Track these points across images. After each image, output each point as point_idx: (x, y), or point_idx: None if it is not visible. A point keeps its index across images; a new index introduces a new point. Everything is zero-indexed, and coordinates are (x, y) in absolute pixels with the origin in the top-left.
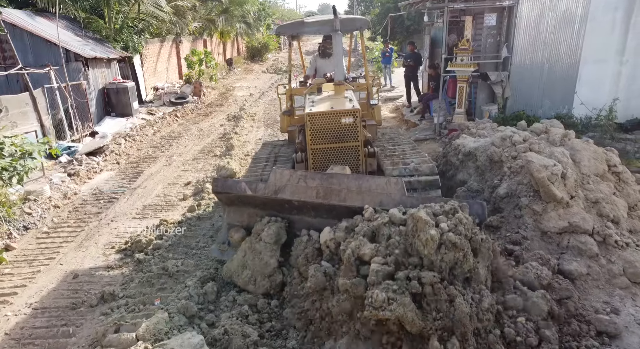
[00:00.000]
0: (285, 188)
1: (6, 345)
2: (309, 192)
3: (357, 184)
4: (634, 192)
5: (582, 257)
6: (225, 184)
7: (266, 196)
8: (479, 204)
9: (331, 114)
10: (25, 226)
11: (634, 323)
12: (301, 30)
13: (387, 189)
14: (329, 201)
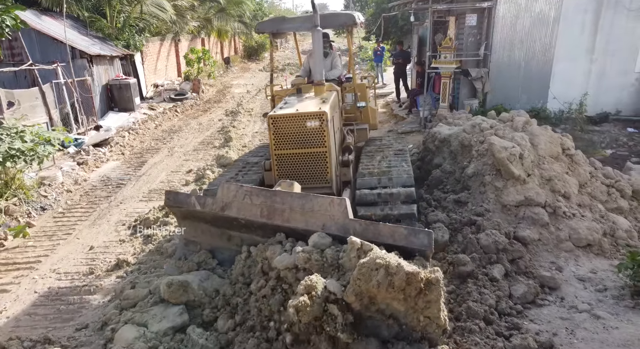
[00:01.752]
0: (232, 205)
1: (37, 301)
2: (254, 210)
3: (301, 204)
4: (585, 172)
5: (535, 226)
6: (176, 198)
7: (214, 213)
8: (425, 234)
9: (295, 117)
10: (42, 207)
11: (573, 278)
12: (282, 27)
13: (331, 211)
14: (273, 221)
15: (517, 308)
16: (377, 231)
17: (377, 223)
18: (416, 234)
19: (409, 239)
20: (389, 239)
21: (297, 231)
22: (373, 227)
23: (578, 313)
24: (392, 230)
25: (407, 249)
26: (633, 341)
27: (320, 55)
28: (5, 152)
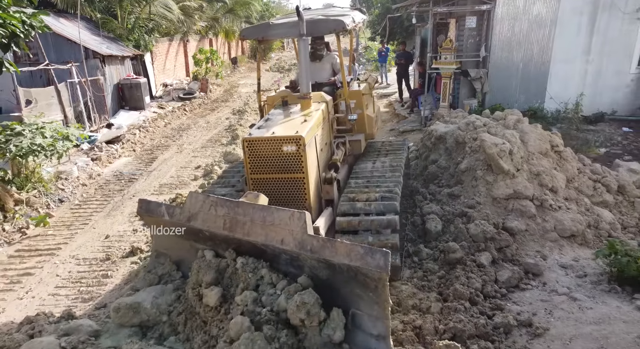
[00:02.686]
0: (198, 215)
1: (59, 283)
2: (217, 222)
3: (262, 217)
4: (572, 167)
5: (523, 217)
6: (148, 207)
7: (181, 223)
8: (382, 254)
9: (270, 141)
10: (60, 199)
11: (556, 265)
12: (267, 33)
13: (290, 225)
14: (234, 234)
15: (501, 292)
16: (334, 249)
17: (335, 240)
18: (373, 254)
19: (365, 259)
20: (345, 258)
21: (256, 246)
22: (330, 244)
23: (557, 296)
24: (349, 249)
25: (362, 271)
26: (604, 320)
27: (306, 66)
28: (28, 147)
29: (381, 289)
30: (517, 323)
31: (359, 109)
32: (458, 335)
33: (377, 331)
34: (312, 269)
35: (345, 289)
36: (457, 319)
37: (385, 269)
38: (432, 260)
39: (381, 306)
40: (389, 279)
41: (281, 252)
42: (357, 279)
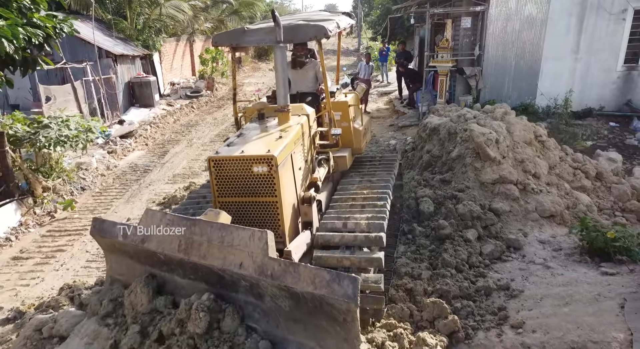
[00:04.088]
0: (152, 236)
1: (89, 258)
2: (172, 243)
3: (220, 237)
4: (554, 156)
5: (507, 200)
6: (102, 228)
7: (135, 245)
8: (350, 281)
9: (239, 161)
10: (82, 187)
11: (535, 241)
12: (241, 40)
13: (250, 246)
14: (190, 257)
15: (485, 262)
16: (297, 274)
17: (298, 265)
18: (340, 280)
19: (331, 287)
20: (309, 285)
21: (213, 271)
22: (293, 269)
23: (534, 265)
24: (314, 274)
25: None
26: (571, 282)
27: (284, 76)
28: (56, 138)
29: (350, 323)
30: (497, 286)
31: (345, 121)
32: (444, 295)
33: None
34: (274, 299)
35: (311, 322)
36: (443, 283)
37: (354, 299)
38: (424, 237)
39: (350, 344)
40: (372, 317)
41: (240, 278)
42: (323, 310)
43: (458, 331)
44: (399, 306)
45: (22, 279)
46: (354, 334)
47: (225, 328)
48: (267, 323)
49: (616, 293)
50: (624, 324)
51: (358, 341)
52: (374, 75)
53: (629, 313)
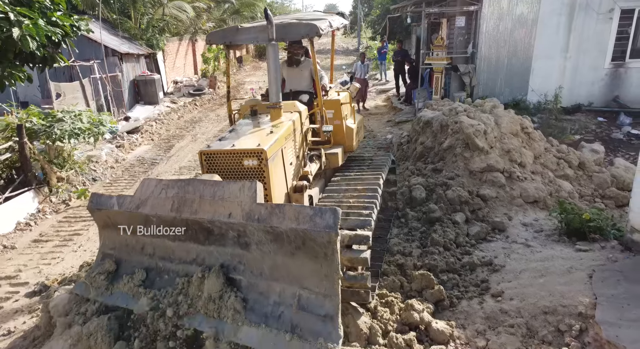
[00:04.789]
0: (148, 201)
1: None
2: (165, 205)
3: (212, 192)
4: (540, 146)
5: (494, 186)
6: (99, 201)
7: (130, 211)
8: (331, 213)
9: (229, 154)
10: (93, 178)
11: (518, 224)
12: (235, 38)
13: (240, 197)
14: (181, 214)
15: (471, 242)
16: (282, 214)
17: (283, 205)
18: (322, 213)
19: (313, 221)
20: (293, 222)
21: (203, 226)
22: (278, 210)
23: (516, 244)
24: (297, 211)
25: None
26: (548, 258)
27: (276, 73)
28: (70, 131)
29: (330, 256)
30: (481, 262)
31: (337, 119)
32: (432, 269)
33: (325, 311)
34: (259, 246)
35: (293, 262)
36: (432, 259)
37: (334, 228)
38: (416, 220)
39: (330, 278)
40: (360, 301)
41: (228, 229)
42: (305, 246)
43: (443, 300)
44: (390, 278)
45: (43, 259)
46: (334, 268)
47: (210, 287)
48: (251, 273)
49: (587, 266)
50: (591, 291)
51: (337, 274)
52: (373, 74)
53: (596, 281)
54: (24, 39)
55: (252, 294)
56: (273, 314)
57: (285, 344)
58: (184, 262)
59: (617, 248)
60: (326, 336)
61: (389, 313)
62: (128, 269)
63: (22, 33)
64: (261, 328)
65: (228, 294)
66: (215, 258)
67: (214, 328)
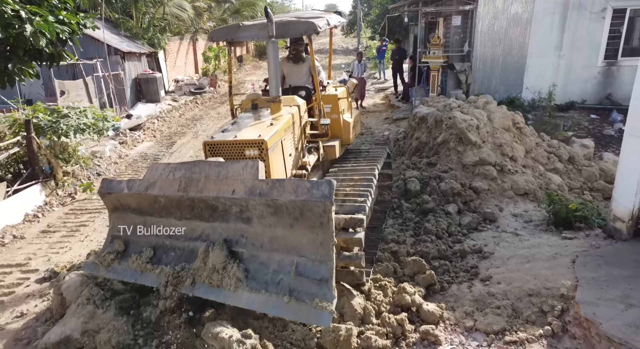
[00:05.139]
0: (156, 183)
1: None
2: (173, 185)
3: (217, 172)
4: (531, 141)
5: (486, 179)
6: (109, 185)
7: (139, 193)
8: (327, 184)
9: (232, 145)
10: (98, 173)
11: (509, 215)
12: (237, 35)
13: (243, 174)
14: (188, 193)
15: (462, 232)
16: (281, 188)
17: (282, 180)
18: (318, 185)
19: (311, 192)
20: (292, 194)
21: (208, 203)
22: (278, 184)
23: (505, 233)
24: (296, 184)
25: (308, 206)
26: (535, 245)
27: (275, 69)
28: (77, 126)
29: (325, 223)
30: (471, 250)
31: (334, 113)
32: (424, 256)
33: (320, 275)
34: (260, 219)
35: (292, 233)
36: (424, 247)
37: (330, 198)
38: (411, 211)
39: (325, 246)
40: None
41: (232, 205)
42: (303, 217)
43: (434, 284)
44: (384, 264)
45: (52, 248)
46: (329, 235)
47: (214, 259)
48: (252, 246)
49: (571, 252)
50: (573, 275)
51: (332, 241)
52: (372, 73)
53: (578, 266)
54: (36, 35)
55: (253, 265)
56: (273, 281)
57: (284, 305)
58: (190, 239)
59: (601, 236)
60: (322, 297)
61: (382, 296)
62: (136, 249)
63: (34, 29)
64: (262, 293)
65: (231, 265)
66: (219, 233)
67: (218, 296)
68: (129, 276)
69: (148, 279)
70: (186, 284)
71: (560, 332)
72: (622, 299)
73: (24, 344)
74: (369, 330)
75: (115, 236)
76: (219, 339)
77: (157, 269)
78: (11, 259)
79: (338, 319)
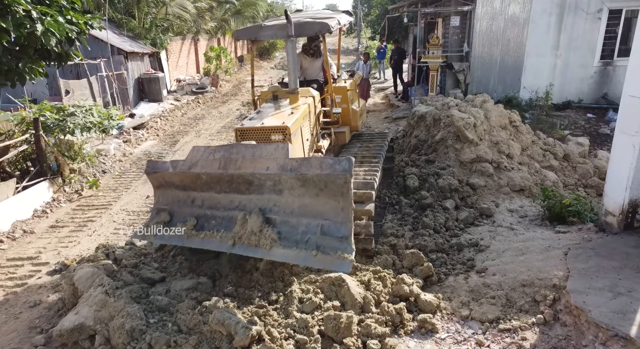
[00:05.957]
0: (198, 162)
1: (117, 226)
2: (214, 164)
3: (252, 152)
4: (527, 139)
5: (483, 176)
6: (155, 165)
7: (183, 172)
8: (347, 160)
9: (260, 130)
10: (103, 170)
11: (505, 210)
12: (258, 34)
13: (275, 154)
14: (227, 171)
15: (459, 226)
16: (309, 164)
17: (310, 158)
18: (340, 161)
19: (333, 167)
20: (318, 169)
21: (245, 178)
22: (306, 162)
23: (501, 228)
24: (320, 161)
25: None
26: (529, 239)
27: (294, 64)
28: (83, 124)
29: (345, 192)
30: (468, 244)
31: (344, 103)
32: (422, 249)
33: (341, 234)
34: (291, 191)
35: (317, 201)
36: (422, 240)
37: (349, 171)
38: (409, 207)
39: (345, 210)
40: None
41: (266, 179)
42: (327, 188)
43: (432, 276)
44: (383, 257)
45: (61, 243)
46: (348, 202)
47: (252, 224)
48: (284, 213)
49: (563, 245)
50: (565, 266)
51: (351, 206)
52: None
53: (570, 257)
54: (46, 35)
55: (284, 228)
56: (302, 240)
57: (312, 258)
58: (228, 209)
59: (593, 230)
60: (343, 250)
61: (382, 286)
62: (180, 219)
63: (44, 29)
64: (293, 249)
65: (266, 229)
66: (255, 204)
67: (256, 253)
68: (175, 241)
69: (193, 242)
70: (228, 245)
71: (552, 320)
72: (611, 288)
73: (38, 332)
74: (368, 318)
75: (160, 209)
76: (225, 325)
77: (201, 234)
78: (22, 253)
79: (339, 308)
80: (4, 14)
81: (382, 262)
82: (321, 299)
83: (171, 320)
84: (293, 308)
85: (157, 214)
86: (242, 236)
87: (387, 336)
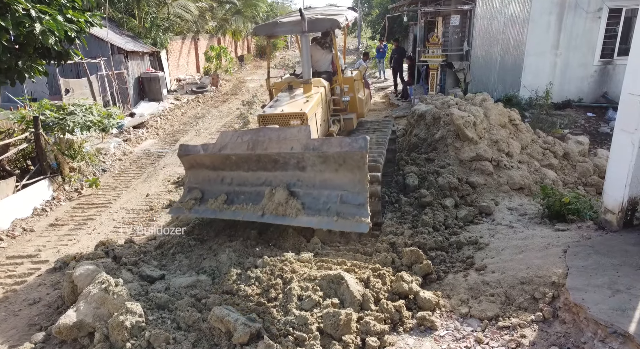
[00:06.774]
0: (227, 145)
1: (117, 225)
2: (242, 146)
3: (277, 135)
4: (526, 137)
5: (482, 174)
6: (187, 148)
7: (213, 153)
8: (363, 139)
9: (280, 116)
10: (103, 169)
11: (504, 208)
12: (275, 30)
13: (298, 136)
14: (255, 151)
15: (459, 224)
16: (329, 143)
17: (329, 138)
18: (357, 140)
19: (351, 145)
20: (337, 147)
21: (272, 158)
22: (327, 141)
23: (500, 226)
24: (340, 140)
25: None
26: (529, 237)
27: (308, 57)
28: (83, 123)
29: (362, 166)
30: (467, 242)
31: (351, 92)
32: (421, 247)
33: (358, 202)
34: (313, 167)
35: (337, 175)
36: (422, 238)
37: (365, 148)
38: (409, 205)
39: (361, 182)
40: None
41: (290, 158)
42: (345, 163)
43: (431, 273)
44: (382, 254)
45: (60, 241)
46: (364, 175)
47: (279, 196)
48: (307, 186)
49: (562, 243)
50: (564, 264)
51: (366, 178)
52: (372, 72)
53: (569, 255)
54: (45, 34)
55: (308, 199)
56: (324, 208)
57: (334, 222)
58: (256, 185)
59: (592, 227)
60: (360, 215)
61: (381, 284)
62: (211, 195)
63: (43, 28)
64: (316, 216)
65: (292, 200)
66: (280, 180)
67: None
68: (209, 214)
69: (225, 214)
70: (257, 215)
71: (550, 317)
72: (610, 286)
73: (38, 329)
74: (367, 316)
75: (192, 187)
76: (224, 322)
77: (232, 207)
78: (22, 251)
79: (338, 305)
80: (4, 13)
81: (381, 260)
82: (320, 297)
83: (170, 317)
84: (292, 305)
85: (190, 192)
86: (270, 207)
87: (386, 334)
